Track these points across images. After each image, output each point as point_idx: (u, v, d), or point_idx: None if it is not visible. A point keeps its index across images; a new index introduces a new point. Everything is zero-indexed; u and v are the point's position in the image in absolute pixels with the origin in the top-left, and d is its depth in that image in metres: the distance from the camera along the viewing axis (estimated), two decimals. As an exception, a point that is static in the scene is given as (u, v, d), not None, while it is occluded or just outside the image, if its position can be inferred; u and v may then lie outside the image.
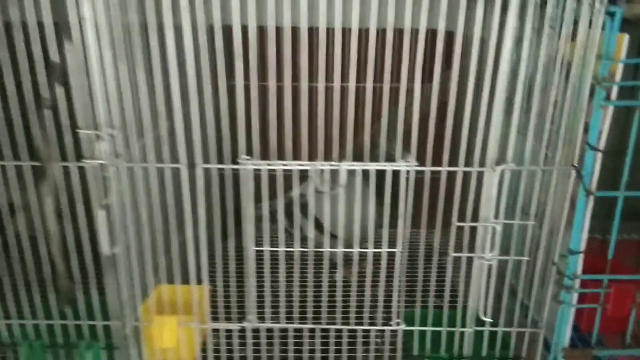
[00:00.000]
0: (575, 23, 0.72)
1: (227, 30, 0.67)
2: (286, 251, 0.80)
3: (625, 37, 0.67)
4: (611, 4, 0.67)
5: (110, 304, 0.82)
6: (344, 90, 0.73)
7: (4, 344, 0.87)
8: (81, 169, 0.75)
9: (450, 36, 0.69)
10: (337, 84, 0.72)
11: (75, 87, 0.71)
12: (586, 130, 0.72)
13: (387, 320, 0.83)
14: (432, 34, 0.67)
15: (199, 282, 0.82)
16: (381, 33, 0.68)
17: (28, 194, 0.72)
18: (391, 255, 0.78)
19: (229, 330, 0.85)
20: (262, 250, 0.78)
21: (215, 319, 0.85)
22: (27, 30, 0.68)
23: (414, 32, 0.67)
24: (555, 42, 0.75)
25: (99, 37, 0.69)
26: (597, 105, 0.70)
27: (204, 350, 0.87)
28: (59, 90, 0.70)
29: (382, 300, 0.81)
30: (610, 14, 0.67)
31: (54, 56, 0.68)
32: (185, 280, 0.83)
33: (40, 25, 0.68)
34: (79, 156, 0.74)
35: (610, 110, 0.70)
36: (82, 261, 0.80)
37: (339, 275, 0.84)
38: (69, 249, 0.78)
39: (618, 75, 0.69)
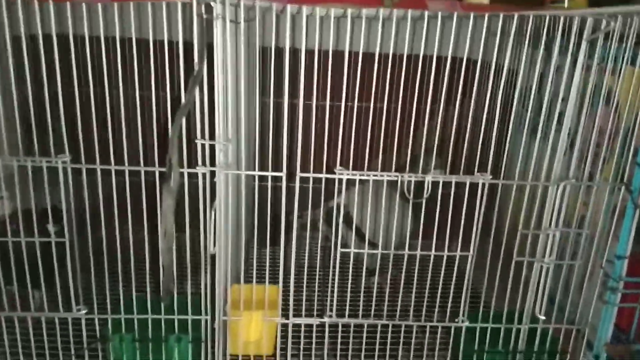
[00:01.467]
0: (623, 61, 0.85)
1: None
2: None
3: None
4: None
5: (203, 299, 0.89)
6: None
7: (96, 338, 0.93)
8: (192, 175, 0.83)
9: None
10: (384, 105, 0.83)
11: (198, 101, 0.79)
12: (635, 153, 0.84)
13: (454, 317, 0.93)
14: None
15: (276, 282, 0.91)
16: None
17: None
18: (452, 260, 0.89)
19: (307, 325, 0.93)
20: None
21: (295, 315, 0.94)
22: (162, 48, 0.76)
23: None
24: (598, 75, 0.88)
25: (225, 58, 0.78)
26: (646, 132, 0.82)
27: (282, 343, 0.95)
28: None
29: (450, 300, 0.91)
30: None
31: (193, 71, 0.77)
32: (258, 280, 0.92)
33: (171, 44, 0.77)
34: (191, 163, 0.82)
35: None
36: (183, 260, 0.87)
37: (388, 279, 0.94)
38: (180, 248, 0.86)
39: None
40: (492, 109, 0.85)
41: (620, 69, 0.86)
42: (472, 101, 0.84)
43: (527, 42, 0.85)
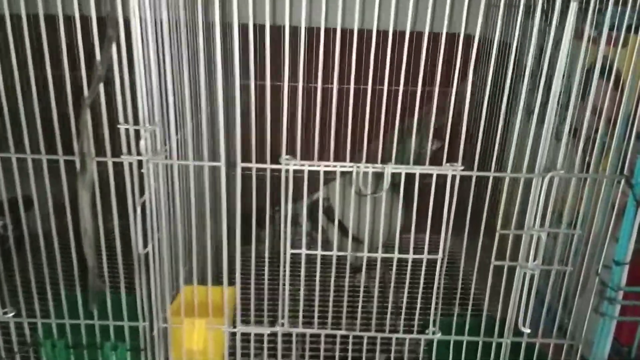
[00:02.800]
0: (629, 28, 0.72)
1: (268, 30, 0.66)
2: (315, 255, 0.78)
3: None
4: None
5: (139, 304, 0.80)
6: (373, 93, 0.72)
7: (26, 343, 0.84)
8: (117, 165, 0.73)
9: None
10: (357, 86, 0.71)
11: (117, 82, 0.69)
12: (638, 138, 0.71)
13: (421, 328, 0.81)
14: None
15: (230, 284, 0.80)
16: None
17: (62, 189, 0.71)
18: (427, 262, 0.76)
19: (257, 334, 0.83)
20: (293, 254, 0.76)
21: (245, 322, 0.83)
22: (71, 23, 0.66)
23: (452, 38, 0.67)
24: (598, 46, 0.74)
25: (143, 32, 0.67)
26: (651, 114, 0.68)
27: (231, 353, 0.85)
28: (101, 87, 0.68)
29: (417, 308, 0.80)
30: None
31: (98, 53, 0.66)
32: (216, 282, 0.81)
33: (84, 19, 0.66)
34: (116, 152, 0.72)
35: (664, 118, 0.68)
36: (114, 259, 0.78)
37: (362, 280, 0.82)
38: (101, 246, 0.76)
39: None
40: (481, 90, 0.72)
41: (623, 38, 0.72)
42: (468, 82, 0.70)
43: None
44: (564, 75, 0.83)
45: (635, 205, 0.71)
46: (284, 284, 0.78)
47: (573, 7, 0.64)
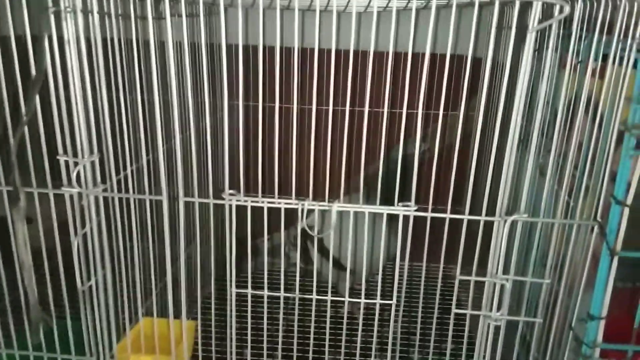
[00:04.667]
0: (605, 57, 0.65)
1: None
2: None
3: (661, 79, 0.59)
4: (645, 40, 0.59)
5: (85, 338, 0.77)
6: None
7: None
8: (59, 197, 0.71)
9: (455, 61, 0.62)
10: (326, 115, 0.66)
11: (55, 110, 0.67)
12: (613, 179, 0.63)
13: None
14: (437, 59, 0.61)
15: (178, 317, 0.76)
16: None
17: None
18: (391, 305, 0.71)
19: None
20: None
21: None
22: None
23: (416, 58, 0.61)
24: (580, 77, 0.68)
25: (80, 57, 0.65)
26: (626, 155, 0.61)
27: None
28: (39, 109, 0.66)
29: (375, 350, 0.74)
30: (644, 52, 0.59)
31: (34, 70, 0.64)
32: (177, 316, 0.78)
33: (19, 39, 0.64)
34: (57, 183, 0.70)
35: (641, 160, 0.61)
36: (58, 292, 0.75)
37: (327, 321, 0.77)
38: (45, 278, 0.74)
39: (651, 122, 0.60)
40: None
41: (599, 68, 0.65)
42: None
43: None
44: (545, 105, 0.77)
45: (610, 255, 0.64)
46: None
47: (529, 38, 0.57)
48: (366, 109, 0.65)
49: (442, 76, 0.62)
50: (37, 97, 0.65)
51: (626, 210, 0.62)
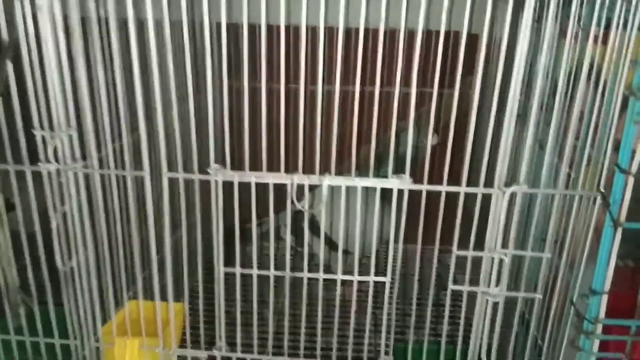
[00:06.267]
0: (608, 23, 0.61)
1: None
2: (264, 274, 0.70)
3: (668, 39, 0.55)
4: (652, -1, 0.56)
5: (68, 321, 0.74)
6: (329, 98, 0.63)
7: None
8: (36, 174, 0.67)
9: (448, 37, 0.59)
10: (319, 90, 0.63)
11: (29, 83, 0.63)
12: (616, 149, 0.60)
13: (375, 355, 0.73)
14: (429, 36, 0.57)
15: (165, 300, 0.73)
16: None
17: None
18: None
19: (195, 358, 0.76)
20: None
21: (183, 343, 0.77)
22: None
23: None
24: (582, 44, 0.65)
25: (55, 29, 0.61)
26: (631, 120, 0.58)
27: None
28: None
29: (369, 332, 0.71)
30: (650, 11, 0.56)
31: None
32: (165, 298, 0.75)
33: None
34: (34, 159, 0.67)
35: (646, 126, 0.58)
36: (39, 273, 0.72)
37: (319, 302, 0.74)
38: (24, 260, 0.71)
39: (657, 85, 0.57)
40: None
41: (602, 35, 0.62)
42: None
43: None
44: (546, 76, 0.74)
45: (613, 227, 0.61)
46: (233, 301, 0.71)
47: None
48: (357, 87, 0.62)
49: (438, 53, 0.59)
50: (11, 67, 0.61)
51: (631, 179, 0.59)
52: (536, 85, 0.60)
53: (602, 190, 0.62)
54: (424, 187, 0.64)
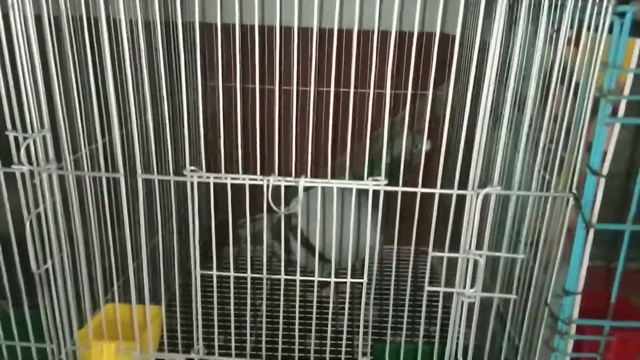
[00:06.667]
0: (580, 25, 0.62)
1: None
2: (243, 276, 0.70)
3: (637, 43, 0.56)
4: (621, 4, 0.56)
5: (44, 324, 0.74)
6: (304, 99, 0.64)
7: None
8: (9, 175, 0.67)
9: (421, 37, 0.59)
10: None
11: (1, 84, 0.63)
12: (588, 150, 0.61)
13: (352, 356, 0.73)
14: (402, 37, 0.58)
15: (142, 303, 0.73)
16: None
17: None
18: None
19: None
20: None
21: (161, 347, 0.76)
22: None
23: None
24: (555, 46, 0.65)
25: (27, 28, 0.61)
26: (602, 122, 0.59)
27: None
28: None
29: (347, 334, 0.71)
30: (620, 15, 0.56)
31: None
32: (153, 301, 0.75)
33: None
34: (7, 161, 0.66)
35: (616, 128, 0.59)
36: (13, 276, 0.72)
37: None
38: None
39: (627, 88, 0.58)
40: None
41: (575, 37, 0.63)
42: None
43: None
44: (519, 79, 0.75)
45: (585, 228, 0.62)
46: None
47: (502, 4, 0.55)
48: (332, 89, 0.62)
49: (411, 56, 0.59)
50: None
51: (602, 181, 0.60)
52: (509, 87, 0.60)
53: (575, 191, 0.63)
54: (399, 189, 0.64)
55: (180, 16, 0.58)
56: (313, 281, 0.69)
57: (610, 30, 0.58)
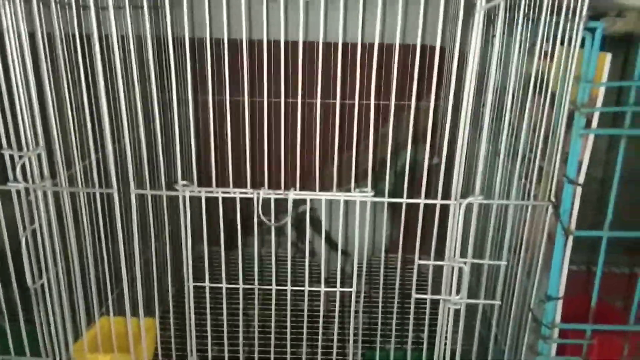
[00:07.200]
0: (555, 39, 0.65)
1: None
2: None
3: (608, 57, 0.59)
4: (592, 19, 0.59)
5: (40, 339, 0.75)
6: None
7: None
8: (5, 193, 0.68)
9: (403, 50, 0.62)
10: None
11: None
12: (565, 160, 0.64)
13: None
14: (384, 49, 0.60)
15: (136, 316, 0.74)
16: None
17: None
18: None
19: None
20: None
21: (156, 359, 0.78)
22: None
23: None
24: (532, 60, 0.68)
25: (21, 48, 0.63)
26: (576, 134, 0.61)
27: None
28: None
29: (339, 341, 0.73)
30: (591, 30, 0.59)
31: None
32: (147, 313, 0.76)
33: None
34: (2, 178, 0.67)
35: (590, 139, 0.61)
36: (9, 291, 0.73)
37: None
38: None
39: (599, 100, 0.60)
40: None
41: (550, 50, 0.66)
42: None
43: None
44: (496, 91, 0.77)
45: (564, 235, 0.64)
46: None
47: (477, 18, 0.57)
48: (318, 100, 0.64)
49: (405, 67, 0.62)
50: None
51: (579, 190, 0.62)
52: (487, 99, 0.63)
53: (553, 200, 0.65)
54: (386, 200, 0.66)
55: (171, 31, 0.60)
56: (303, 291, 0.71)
57: (583, 45, 0.60)
